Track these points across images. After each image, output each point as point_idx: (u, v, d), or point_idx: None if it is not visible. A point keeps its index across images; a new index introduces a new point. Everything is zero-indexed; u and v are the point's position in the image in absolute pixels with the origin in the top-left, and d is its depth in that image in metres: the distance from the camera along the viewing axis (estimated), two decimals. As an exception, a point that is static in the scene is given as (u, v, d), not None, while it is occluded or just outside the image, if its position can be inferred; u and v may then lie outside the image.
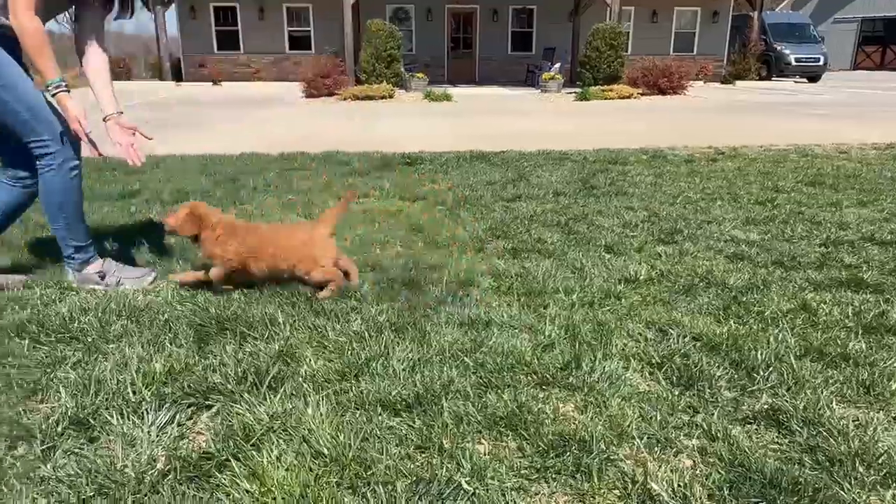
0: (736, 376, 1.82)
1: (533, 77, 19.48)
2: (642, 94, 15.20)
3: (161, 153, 6.28)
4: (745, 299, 2.41)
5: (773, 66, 23.83)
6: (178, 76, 22.01)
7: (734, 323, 2.18)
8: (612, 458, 1.45)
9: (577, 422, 1.59)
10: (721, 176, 5.11)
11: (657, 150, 6.43)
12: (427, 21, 22.63)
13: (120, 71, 22.49)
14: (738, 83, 21.08)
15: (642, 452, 1.47)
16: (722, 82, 21.65)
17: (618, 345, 2.00)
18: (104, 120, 2.39)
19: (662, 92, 15.55)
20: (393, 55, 15.64)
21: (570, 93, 15.93)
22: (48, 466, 1.42)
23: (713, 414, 1.63)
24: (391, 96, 14.62)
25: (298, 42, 22.43)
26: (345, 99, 14.35)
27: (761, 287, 2.54)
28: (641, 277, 2.65)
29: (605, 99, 14.50)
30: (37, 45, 2.17)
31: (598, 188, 4.63)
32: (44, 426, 1.55)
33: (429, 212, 3.94)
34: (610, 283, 2.59)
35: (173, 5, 21.30)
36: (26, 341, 2.02)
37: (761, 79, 22.90)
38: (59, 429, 1.55)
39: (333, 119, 10.86)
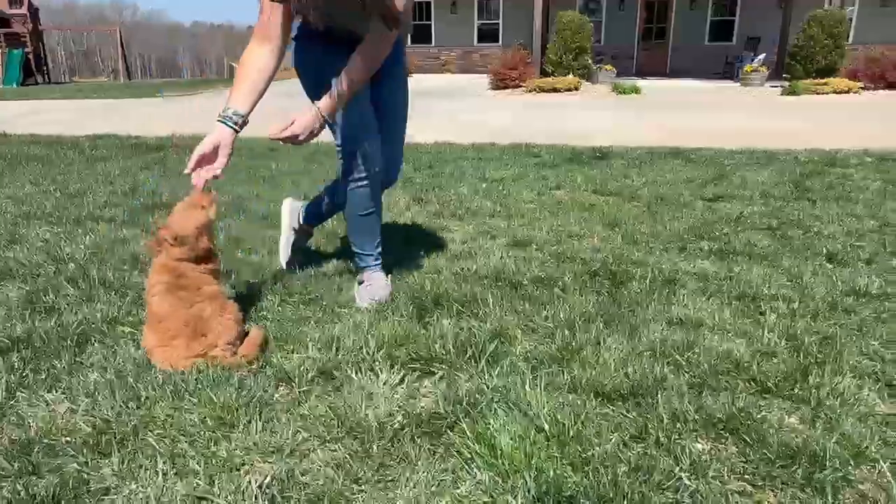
0: None
1: (732, 69, 18.12)
2: (864, 89, 13.49)
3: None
4: None
5: None
6: (374, 68, 23.59)
7: None
8: (848, 477, 1.36)
9: (804, 435, 1.51)
10: (971, 184, 4.42)
11: (885, 152, 5.71)
12: (618, 11, 21.95)
13: (324, 63, 24.66)
14: None
15: (886, 477, 1.36)
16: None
17: (849, 361, 1.85)
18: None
19: (891, 86, 13.66)
20: (581, 47, 15.42)
21: (776, 86, 14.59)
22: (305, 406, 1.65)
23: (972, 449, 1.46)
24: (577, 88, 14.45)
25: (486, 34, 22.93)
26: (530, 91, 14.44)
27: None
28: (873, 292, 2.41)
29: (818, 94, 13.07)
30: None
31: (813, 191, 4.24)
32: (297, 372, 1.80)
33: (624, 207, 3.88)
34: (835, 294, 2.39)
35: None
36: (276, 299, 2.35)
37: None
38: (310, 376, 1.79)
39: (520, 111, 10.99)
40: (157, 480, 1.36)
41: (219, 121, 1.94)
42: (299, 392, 1.71)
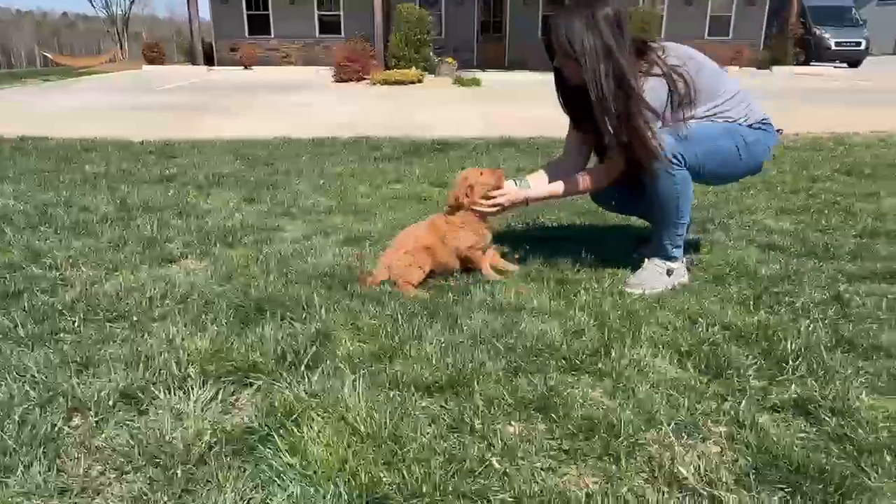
0: (765, 365, 1.84)
1: (563, 62, 19.25)
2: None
3: (196, 137, 6.41)
4: (776, 290, 2.40)
5: (811, 51, 23.24)
6: (209, 60, 22.27)
7: (765, 313, 2.18)
8: (639, 442, 1.48)
9: (605, 407, 1.62)
10: (755, 164, 5.04)
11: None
12: (457, 4, 22.49)
13: (153, 56, 22.85)
14: (775, 68, 20.58)
15: (670, 437, 1.50)
16: (758, 67, 21.14)
17: (646, 333, 2.03)
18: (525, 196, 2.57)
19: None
20: (422, 40, 15.65)
21: (601, 78, 15.71)
22: (102, 437, 1.50)
23: (741, 402, 1.65)
24: (420, 81, 14.63)
25: (328, 26, 22.51)
26: (374, 84, 14.41)
27: (793, 278, 2.53)
28: (671, 266, 2.65)
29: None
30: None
31: (629, 176, 4.60)
32: (96, 399, 1.63)
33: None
34: (639, 271, 2.61)
35: (206, -10, 21.53)
36: (77, 319, 2.12)
37: (799, 64, 22.35)
38: (111, 402, 1.63)
39: (363, 104, 10.92)
40: None
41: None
42: (96, 421, 1.56)
